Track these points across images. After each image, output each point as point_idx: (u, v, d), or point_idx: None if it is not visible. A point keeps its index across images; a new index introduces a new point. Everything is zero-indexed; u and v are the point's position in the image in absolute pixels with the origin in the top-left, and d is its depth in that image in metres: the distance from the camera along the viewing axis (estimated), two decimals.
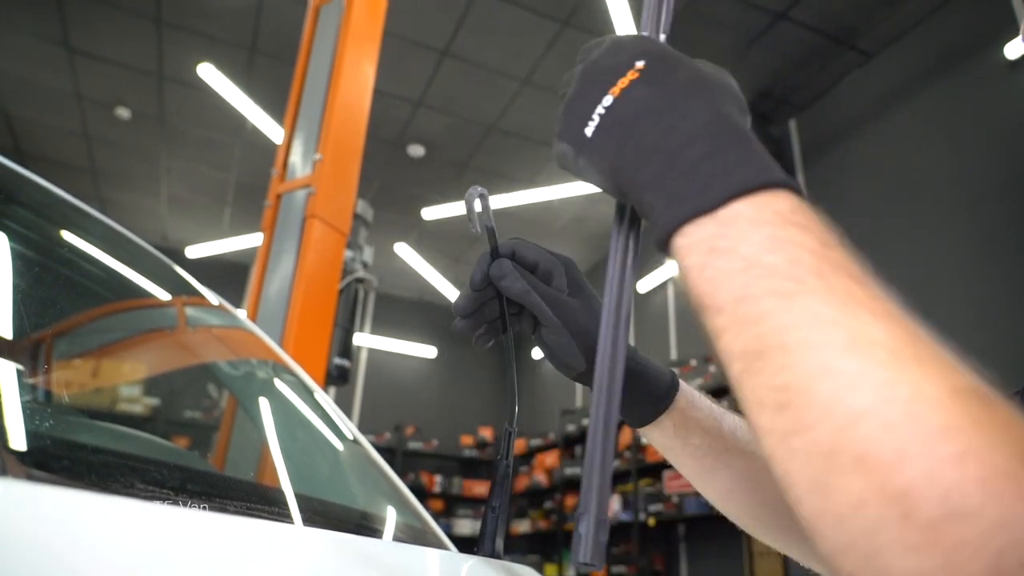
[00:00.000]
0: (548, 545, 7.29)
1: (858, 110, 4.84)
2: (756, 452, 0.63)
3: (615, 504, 5.96)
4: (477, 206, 0.57)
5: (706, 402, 0.65)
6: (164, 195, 7.04)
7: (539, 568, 6.80)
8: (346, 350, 2.87)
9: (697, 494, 4.77)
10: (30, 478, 0.44)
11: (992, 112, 3.94)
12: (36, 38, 4.94)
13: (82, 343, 0.97)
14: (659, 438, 0.65)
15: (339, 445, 1.07)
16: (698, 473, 0.66)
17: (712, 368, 5.16)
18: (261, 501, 0.67)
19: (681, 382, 0.64)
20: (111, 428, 0.93)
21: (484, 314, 0.60)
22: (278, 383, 1.14)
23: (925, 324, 0.29)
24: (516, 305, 0.60)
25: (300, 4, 4.20)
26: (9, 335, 0.64)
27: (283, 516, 0.66)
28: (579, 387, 7.58)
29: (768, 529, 0.65)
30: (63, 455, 0.52)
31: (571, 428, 6.87)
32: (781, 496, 0.66)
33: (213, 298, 1.13)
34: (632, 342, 0.61)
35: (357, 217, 3.03)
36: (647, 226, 0.43)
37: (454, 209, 6.51)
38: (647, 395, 0.62)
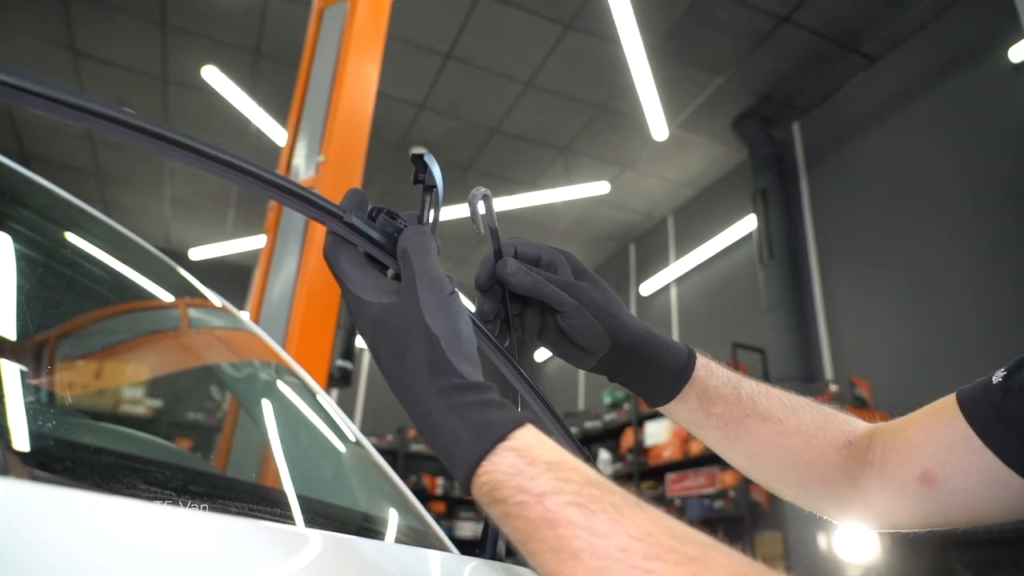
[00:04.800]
0: None
1: (862, 113, 4.83)
2: (776, 417, 0.64)
3: None
4: (481, 207, 0.57)
5: (723, 370, 0.66)
6: (168, 197, 7.07)
7: None
8: (348, 352, 2.87)
9: (700, 497, 4.71)
10: (33, 478, 0.44)
11: (997, 115, 3.93)
12: (41, 41, 4.96)
13: (85, 344, 0.97)
14: (684, 412, 0.65)
15: (341, 447, 1.06)
16: (723, 442, 0.66)
17: None
18: (263, 502, 0.67)
19: (697, 353, 0.65)
20: (114, 429, 0.93)
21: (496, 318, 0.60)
22: (280, 385, 1.14)
23: (931, 328, 0.29)
24: (517, 306, 0.60)
25: (304, 7, 4.21)
26: (13, 336, 0.64)
27: (285, 517, 0.66)
28: (581, 390, 7.58)
29: (794, 489, 0.67)
30: (66, 456, 0.52)
31: (573, 431, 6.84)
32: (803, 458, 0.65)
33: (216, 300, 1.13)
34: None
35: None
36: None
37: (457, 211, 6.51)
38: (667, 367, 0.62)
